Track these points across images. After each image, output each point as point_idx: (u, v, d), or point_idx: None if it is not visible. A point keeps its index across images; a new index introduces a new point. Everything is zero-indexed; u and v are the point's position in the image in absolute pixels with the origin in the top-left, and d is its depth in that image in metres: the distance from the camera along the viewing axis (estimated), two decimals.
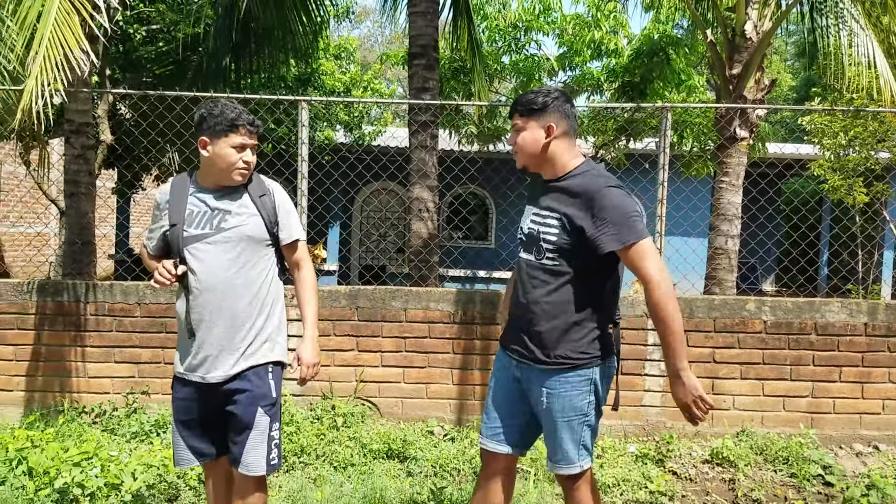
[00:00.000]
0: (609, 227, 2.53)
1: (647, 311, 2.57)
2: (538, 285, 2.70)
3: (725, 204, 6.49)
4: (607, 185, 2.59)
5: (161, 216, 2.84)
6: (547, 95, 2.70)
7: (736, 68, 6.55)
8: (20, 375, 5.01)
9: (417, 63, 6.69)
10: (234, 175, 2.77)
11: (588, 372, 2.68)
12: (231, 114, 2.73)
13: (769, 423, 5.01)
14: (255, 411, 2.78)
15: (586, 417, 2.72)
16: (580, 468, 2.75)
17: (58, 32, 4.13)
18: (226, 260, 2.76)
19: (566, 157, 2.72)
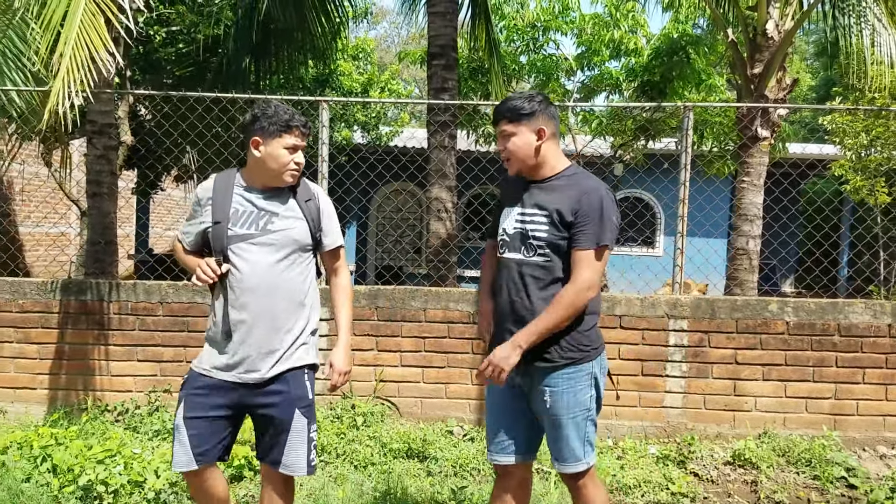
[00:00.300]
0: (591, 227, 2.63)
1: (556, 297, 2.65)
2: (531, 282, 2.73)
3: (747, 204, 6.44)
4: (598, 187, 2.70)
5: (201, 212, 2.83)
6: (533, 100, 2.76)
7: (757, 68, 6.50)
8: (44, 374, 5.06)
9: (436, 63, 6.70)
10: (285, 176, 2.78)
11: (588, 366, 2.75)
12: (285, 115, 2.74)
13: (791, 424, 4.96)
14: (293, 413, 2.79)
15: (589, 412, 2.77)
16: (587, 465, 2.78)
17: (83, 34, 4.16)
18: (270, 262, 2.75)
19: (555, 158, 2.80)
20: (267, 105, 2.78)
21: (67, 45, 4.08)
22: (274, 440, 2.79)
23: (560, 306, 2.62)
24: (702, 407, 4.96)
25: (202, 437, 2.75)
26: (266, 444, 2.82)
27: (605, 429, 4.98)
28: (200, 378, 2.78)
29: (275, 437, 2.79)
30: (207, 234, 2.81)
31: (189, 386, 2.79)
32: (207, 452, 2.76)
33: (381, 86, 12.79)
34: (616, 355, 4.95)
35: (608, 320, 4.95)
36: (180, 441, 2.75)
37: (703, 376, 4.95)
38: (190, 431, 2.73)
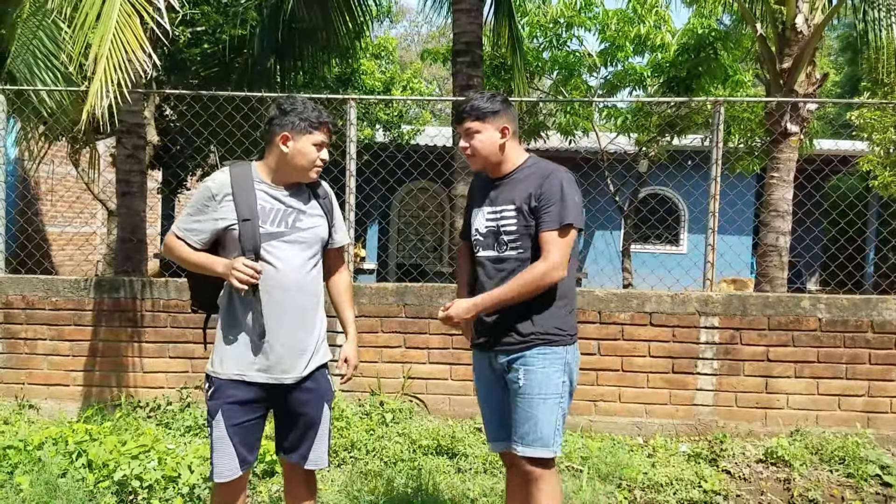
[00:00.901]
0: (553, 207, 2.71)
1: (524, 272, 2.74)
2: (508, 274, 2.79)
3: (777, 200, 6.38)
4: (557, 170, 2.79)
5: (216, 208, 2.69)
6: (494, 99, 2.86)
7: (786, 62, 6.44)
8: (77, 370, 5.12)
9: (461, 60, 6.69)
10: (311, 173, 2.75)
11: (562, 350, 2.80)
12: (314, 111, 2.71)
13: (824, 422, 4.91)
14: (322, 407, 2.83)
15: (561, 399, 2.80)
16: (554, 452, 2.78)
17: (120, 34, 4.20)
18: (300, 260, 2.73)
19: (516, 154, 2.89)
20: (294, 101, 2.73)
21: (104, 45, 4.12)
22: (304, 435, 2.80)
23: (526, 280, 2.70)
24: (733, 405, 4.92)
25: (246, 443, 2.73)
26: (294, 439, 2.81)
27: (636, 426, 4.96)
28: (233, 385, 2.69)
29: (305, 432, 2.80)
30: (227, 232, 2.70)
31: (222, 396, 2.69)
32: (248, 457, 2.76)
33: (403, 84, 12.81)
34: (646, 353, 4.93)
35: (638, 317, 4.92)
36: (225, 452, 2.69)
37: (734, 374, 4.91)
38: (234, 439, 2.69)
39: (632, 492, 4.20)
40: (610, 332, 4.94)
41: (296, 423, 2.80)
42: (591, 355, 4.95)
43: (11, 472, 3.97)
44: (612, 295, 4.96)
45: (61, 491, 3.78)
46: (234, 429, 2.68)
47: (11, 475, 3.95)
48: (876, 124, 9.86)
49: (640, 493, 4.19)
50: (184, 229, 2.75)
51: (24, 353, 5.12)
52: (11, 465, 4.01)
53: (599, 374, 4.96)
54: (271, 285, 2.66)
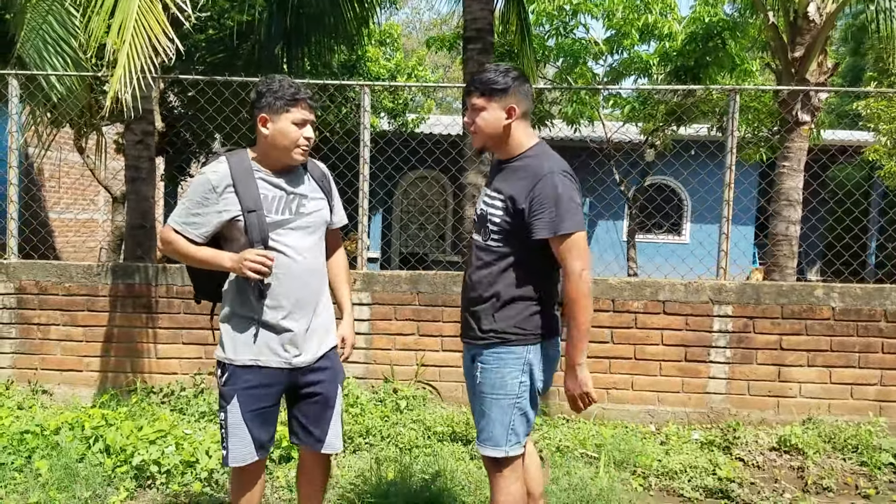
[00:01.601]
0: (545, 214, 2.55)
1: (565, 302, 2.62)
2: (481, 266, 2.71)
3: (787, 189, 6.38)
4: (552, 171, 2.59)
5: (217, 200, 2.63)
6: (507, 75, 2.67)
7: (798, 51, 6.42)
8: (90, 356, 5.12)
9: (472, 47, 6.65)
10: (294, 154, 2.66)
11: (521, 350, 2.66)
12: (290, 88, 2.62)
13: (836, 410, 4.93)
14: (336, 388, 2.84)
15: (517, 399, 2.68)
16: (505, 453, 2.69)
17: (142, 19, 4.18)
18: (307, 245, 2.72)
19: (522, 137, 2.71)
20: (271, 80, 2.65)
21: (126, 31, 4.09)
22: (319, 417, 2.79)
23: (575, 305, 2.57)
24: (745, 393, 4.94)
25: (262, 428, 2.73)
26: (310, 423, 2.79)
27: (648, 414, 4.98)
28: (247, 371, 2.68)
29: (320, 413, 2.79)
30: (231, 224, 2.65)
31: (237, 382, 2.68)
32: (266, 443, 2.77)
33: (408, 72, 12.76)
34: (659, 341, 4.94)
35: (651, 306, 4.93)
36: (240, 437, 2.69)
37: (747, 362, 4.92)
38: (251, 425, 2.69)
39: (646, 479, 4.22)
40: (623, 321, 4.94)
41: (312, 405, 2.78)
42: (605, 343, 4.96)
43: (29, 457, 3.98)
44: (625, 283, 4.97)
45: (80, 476, 3.78)
46: (249, 414, 2.68)
47: (29, 459, 3.96)
48: (883, 114, 9.86)
49: (654, 480, 4.20)
50: (182, 223, 2.68)
51: (38, 339, 5.12)
52: (29, 450, 4.02)
53: (612, 362, 4.97)
54: (282, 272, 2.65)
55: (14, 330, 5.11)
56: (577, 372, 2.61)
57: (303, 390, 2.77)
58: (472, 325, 2.73)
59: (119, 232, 11.45)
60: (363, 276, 5.08)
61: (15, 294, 5.10)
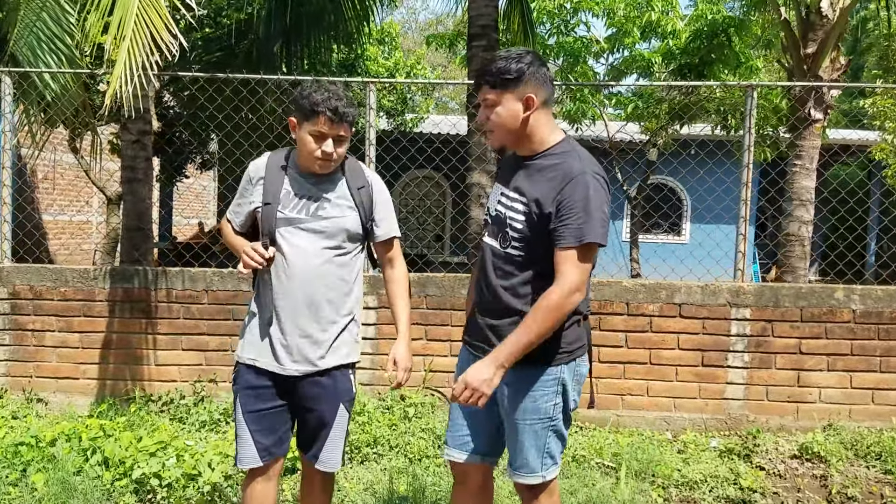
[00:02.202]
0: (574, 220, 2.26)
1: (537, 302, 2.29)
2: (502, 276, 2.44)
3: (799, 189, 6.26)
4: (584, 171, 2.30)
5: (252, 191, 2.68)
6: (520, 61, 2.35)
7: (810, 47, 6.30)
8: (87, 363, 4.95)
9: (476, 45, 6.50)
10: (314, 165, 2.59)
11: (555, 370, 2.42)
12: (317, 97, 2.50)
13: (857, 416, 4.79)
14: (338, 407, 2.70)
15: (552, 422, 2.45)
16: (542, 478, 2.47)
17: (143, 15, 4.01)
18: (318, 249, 2.61)
19: (545, 130, 2.42)
20: (311, 85, 2.58)
21: (126, 27, 3.92)
22: (316, 434, 2.70)
23: (543, 313, 2.27)
24: (764, 399, 4.80)
25: (263, 431, 2.65)
26: (307, 437, 2.74)
27: (664, 421, 4.83)
28: (248, 370, 2.65)
29: (317, 430, 2.70)
30: (256, 215, 2.67)
31: (240, 381, 2.68)
32: (271, 448, 2.67)
33: (407, 71, 12.62)
34: (675, 345, 4.79)
35: (667, 309, 4.78)
36: (242, 437, 2.65)
37: (765, 367, 4.78)
38: (251, 426, 2.63)
39: (666, 489, 4.07)
40: (638, 324, 4.80)
41: (306, 420, 2.71)
42: (619, 348, 4.81)
43: (24, 470, 3.81)
44: (640, 286, 4.82)
45: (77, 490, 3.62)
46: (249, 415, 2.63)
47: (24, 473, 3.79)
48: (889, 112, 9.73)
49: (675, 491, 4.06)
50: (230, 212, 2.79)
51: (32, 346, 4.95)
52: (24, 463, 3.85)
53: (627, 368, 4.82)
54: (285, 273, 2.60)
55: (7, 336, 4.94)
56: (493, 370, 2.28)
57: (300, 402, 2.68)
58: (496, 343, 2.39)
59: (114, 234, 11.27)
60: (369, 279, 4.92)
61: (8, 299, 4.92)
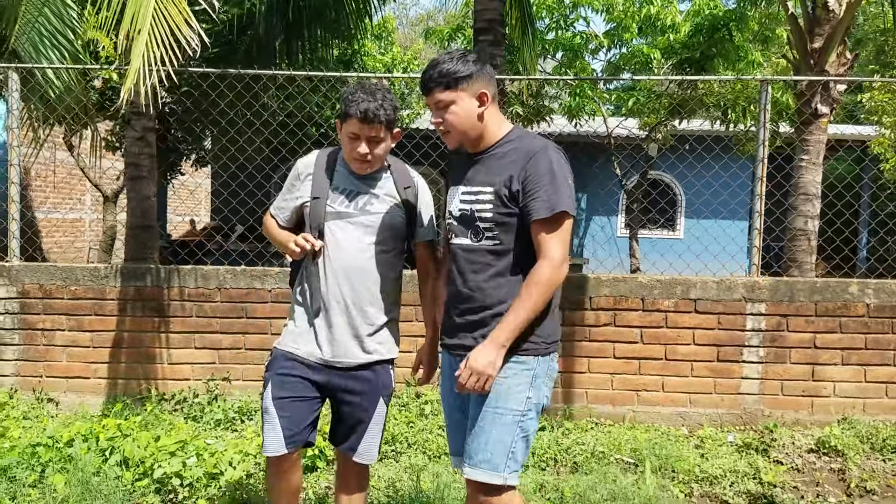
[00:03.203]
0: (542, 192, 2.29)
1: (527, 279, 2.30)
2: (479, 269, 2.40)
3: (806, 183, 6.26)
4: (545, 147, 2.36)
5: (300, 186, 2.73)
6: (467, 60, 2.39)
7: (817, 42, 6.30)
8: (98, 362, 4.90)
9: (483, 39, 6.46)
10: (353, 164, 2.67)
11: (531, 361, 2.38)
12: (351, 98, 2.56)
13: (871, 410, 4.81)
14: (377, 401, 2.75)
15: (522, 418, 2.37)
16: (503, 480, 2.35)
17: (161, 8, 3.96)
18: (364, 243, 2.67)
19: (497, 124, 2.46)
20: (357, 85, 2.62)
21: (143, 19, 3.87)
22: (354, 427, 2.74)
23: (535, 288, 2.27)
24: (779, 393, 4.81)
25: (292, 419, 2.66)
26: (344, 430, 2.76)
27: (680, 416, 4.83)
28: (287, 358, 2.69)
29: (356, 423, 2.73)
30: (304, 210, 2.71)
31: (275, 366, 2.70)
32: (297, 436, 2.68)
33: (404, 66, 12.56)
34: (691, 341, 4.79)
35: (682, 304, 4.78)
36: (271, 424, 2.66)
37: (780, 361, 4.79)
38: (280, 413, 2.65)
39: (687, 484, 4.07)
40: (653, 320, 4.79)
41: (345, 413, 2.75)
42: (634, 344, 4.80)
43: (43, 471, 3.76)
44: (655, 281, 4.82)
45: (99, 491, 3.57)
46: (279, 402, 2.65)
47: (43, 474, 3.74)
48: (888, 106, 9.79)
49: (696, 486, 4.06)
50: (275, 207, 2.82)
51: (42, 345, 4.88)
52: (42, 464, 3.80)
53: (642, 364, 4.81)
54: (332, 265, 2.65)
55: (17, 336, 4.87)
56: (494, 352, 2.28)
57: (339, 394, 2.72)
58: (478, 335, 2.38)
59: (111, 232, 11.18)
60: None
61: (17, 298, 4.86)
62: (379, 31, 12.63)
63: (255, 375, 4.87)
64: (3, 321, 4.87)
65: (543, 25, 11.36)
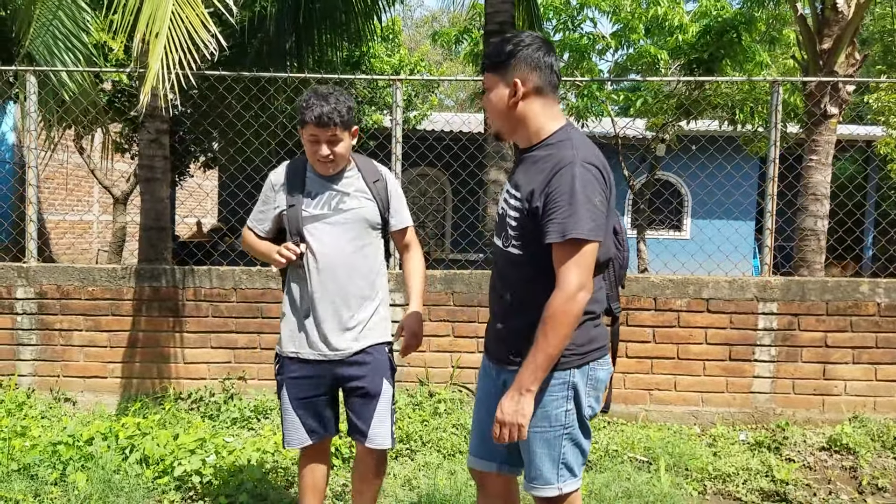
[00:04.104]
0: (558, 214, 2.10)
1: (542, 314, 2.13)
2: (506, 276, 2.34)
3: (815, 183, 6.28)
4: (573, 161, 2.13)
5: (274, 197, 2.88)
6: (511, 42, 2.22)
7: (826, 43, 6.32)
8: (115, 362, 4.94)
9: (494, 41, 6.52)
10: (317, 167, 2.82)
11: (564, 374, 2.26)
12: (305, 106, 2.72)
13: (881, 408, 4.83)
14: (381, 380, 2.89)
15: (565, 430, 2.28)
16: (559, 491, 2.31)
17: (179, 11, 4.00)
18: (344, 241, 2.82)
19: (540, 120, 2.25)
20: (308, 93, 2.76)
21: (159, 23, 3.91)
22: (363, 411, 2.86)
23: (550, 323, 2.11)
24: (790, 392, 4.83)
25: (311, 415, 2.87)
26: (355, 416, 2.89)
27: (692, 415, 4.86)
28: (292, 361, 2.86)
29: (363, 407, 2.86)
30: (282, 218, 2.86)
31: (285, 371, 2.88)
32: (318, 428, 2.89)
33: (411, 68, 12.61)
34: (703, 340, 4.82)
35: (694, 304, 4.82)
36: (291, 421, 2.87)
37: (792, 360, 4.82)
38: (298, 412, 2.85)
39: (701, 482, 4.11)
40: (666, 320, 4.83)
41: (353, 400, 2.88)
42: (647, 343, 4.84)
43: (64, 470, 3.80)
44: (668, 281, 4.85)
45: (121, 489, 3.62)
46: (297, 402, 2.84)
47: (64, 472, 3.79)
48: (894, 107, 9.81)
49: (709, 484, 4.09)
50: (252, 220, 2.97)
51: (60, 345, 4.93)
52: (62, 463, 3.85)
53: (655, 363, 4.85)
54: (315, 266, 2.79)
55: (35, 336, 4.92)
56: (523, 399, 2.16)
57: (347, 384, 2.87)
58: (503, 348, 2.35)
59: (121, 233, 11.24)
60: (395, 276, 4.93)
61: (35, 299, 4.91)
62: (387, 32, 12.67)
63: (270, 375, 4.89)
64: (21, 321, 4.92)
65: (551, 27, 11.39)
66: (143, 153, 5.92)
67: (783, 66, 11.33)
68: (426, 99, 14.21)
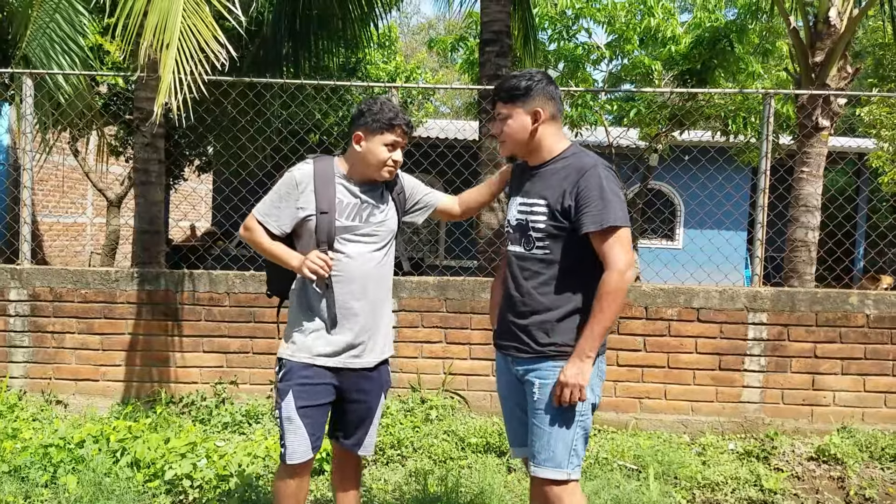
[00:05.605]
0: (592, 207, 2.47)
1: (597, 291, 2.47)
2: (530, 276, 2.61)
3: (806, 195, 6.32)
4: (595, 165, 2.54)
5: (298, 197, 2.79)
6: (530, 79, 2.61)
7: (818, 56, 6.38)
8: (107, 365, 4.95)
9: (490, 50, 6.55)
10: (382, 172, 2.80)
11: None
12: (389, 112, 2.75)
13: (870, 419, 4.87)
14: (380, 398, 2.94)
15: (580, 416, 2.56)
16: (567, 475, 2.54)
17: (188, 22, 4.02)
18: (372, 252, 2.82)
19: (553, 141, 2.65)
20: (374, 101, 2.80)
21: (169, 33, 3.92)
22: (360, 423, 2.90)
23: (606, 298, 2.44)
24: (780, 402, 4.87)
25: (315, 425, 2.80)
26: (352, 427, 2.90)
27: (682, 424, 4.89)
28: (305, 368, 2.78)
29: (362, 419, 2.90)
30: (304, 223, 2.80)
31: (293, 377, 2.78)
32: (317, 441, 2.83)
33: (407, 75, 12.64)
34: (693, 349, 4.86)
35: (685, 313, 4.85)
36: (296, 433, 2.76)
37: (781, 370, 4.86)
38: (304, 421, 2.76)
39: (689, 491, 4.13)
40: (656, 328, 4.86)
41: (352, 410, 2.88)
42: (637, 352, 4.87)
43: (55, 472, 3.81)
44: (658, 290, 4.88)
45: (112, 492, 3.62)
46: (302, 410, 2.76)
47: (55, 475, 3.79)
48: (886, 120, 9.89)
49: (698, 493, 4.12)
50: (263, 214, 2.84)
51: (52, 347, 4.94)
52: (53, 465, 3.85)
53: (645, 371, 4.88)
54: (343, 277, 2.76)
55: (27, 338, 4.93)
56: (584, 363, 2.48)
57: (351, 394, 2.85)
58: (526, 340, 2.60)
59: (114, 236, 11.23)
60: None
61: (28, 301, 4.92)
62: (383, 39, 12.70)
63: (262, 379, 4.93)
64: (13, 323, 4.92)
65: (546, 37, 11.45)
66: (137, 157, 5.94)
67: (776, 77, 11.40)
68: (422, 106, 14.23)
